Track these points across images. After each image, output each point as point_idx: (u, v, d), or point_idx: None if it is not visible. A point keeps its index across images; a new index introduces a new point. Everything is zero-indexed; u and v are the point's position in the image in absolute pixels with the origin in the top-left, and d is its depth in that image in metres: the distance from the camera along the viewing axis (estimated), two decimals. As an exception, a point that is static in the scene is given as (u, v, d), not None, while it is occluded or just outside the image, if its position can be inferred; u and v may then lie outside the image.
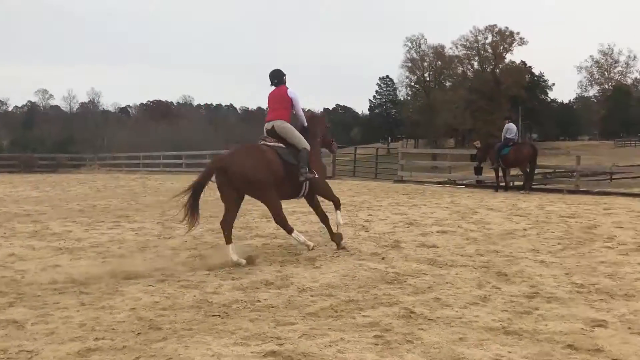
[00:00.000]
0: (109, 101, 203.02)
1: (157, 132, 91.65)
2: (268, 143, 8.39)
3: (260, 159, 8.03)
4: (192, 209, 7.97)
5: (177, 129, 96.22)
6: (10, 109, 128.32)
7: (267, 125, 8.66)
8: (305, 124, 8.95)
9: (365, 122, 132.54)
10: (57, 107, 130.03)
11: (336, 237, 8.68)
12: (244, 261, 7.68)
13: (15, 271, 7.51)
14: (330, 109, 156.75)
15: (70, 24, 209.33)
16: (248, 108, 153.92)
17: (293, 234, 8.34)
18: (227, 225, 7.96)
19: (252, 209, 12.86)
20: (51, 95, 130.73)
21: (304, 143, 8.47)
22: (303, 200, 9.04)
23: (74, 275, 7.19)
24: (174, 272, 7.39)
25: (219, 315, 5.55)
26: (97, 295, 6.28)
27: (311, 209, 9.26)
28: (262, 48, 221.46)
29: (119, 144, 75.30)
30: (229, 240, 7.88)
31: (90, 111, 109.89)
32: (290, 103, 8.75)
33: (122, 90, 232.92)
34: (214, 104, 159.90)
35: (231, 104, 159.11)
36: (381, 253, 8.31)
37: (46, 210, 14.42)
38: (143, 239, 9.71)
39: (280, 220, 8.23)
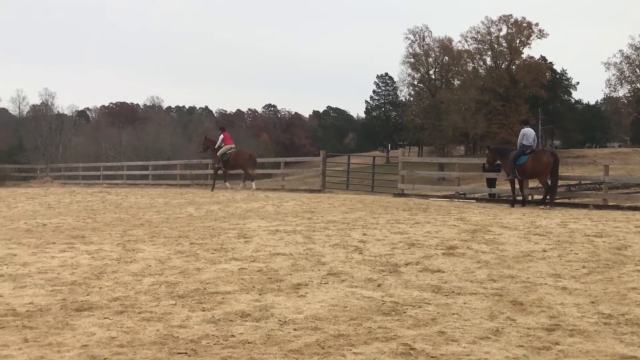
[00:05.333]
0: (65, 103, 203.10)
1: (121, 138, 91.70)
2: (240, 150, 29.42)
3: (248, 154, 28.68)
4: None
5: (144, 135, 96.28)
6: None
7: (232, 145, 27.85)
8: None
9: (361, 127, 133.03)
10: (4, 110, 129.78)
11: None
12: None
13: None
14: (321, 111, 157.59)
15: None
16: (226, 111, 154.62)
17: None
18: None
19: (228, 228, 12.78)
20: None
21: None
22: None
23: (16, 307, 7.08)
24: (134, 302, 7.30)
25: (186, 353, 5.46)
26: (44, 330, 6.17)
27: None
28: (241, 46, 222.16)
29: (76, 153, 75.14)
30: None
31: (43, 115, 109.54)
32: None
33: (80, 91, 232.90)
34: (187, 106, 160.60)
35: (206, 106, 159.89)
36: (377, 279, 8.25)
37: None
38: (100, 264, 9.60)
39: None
